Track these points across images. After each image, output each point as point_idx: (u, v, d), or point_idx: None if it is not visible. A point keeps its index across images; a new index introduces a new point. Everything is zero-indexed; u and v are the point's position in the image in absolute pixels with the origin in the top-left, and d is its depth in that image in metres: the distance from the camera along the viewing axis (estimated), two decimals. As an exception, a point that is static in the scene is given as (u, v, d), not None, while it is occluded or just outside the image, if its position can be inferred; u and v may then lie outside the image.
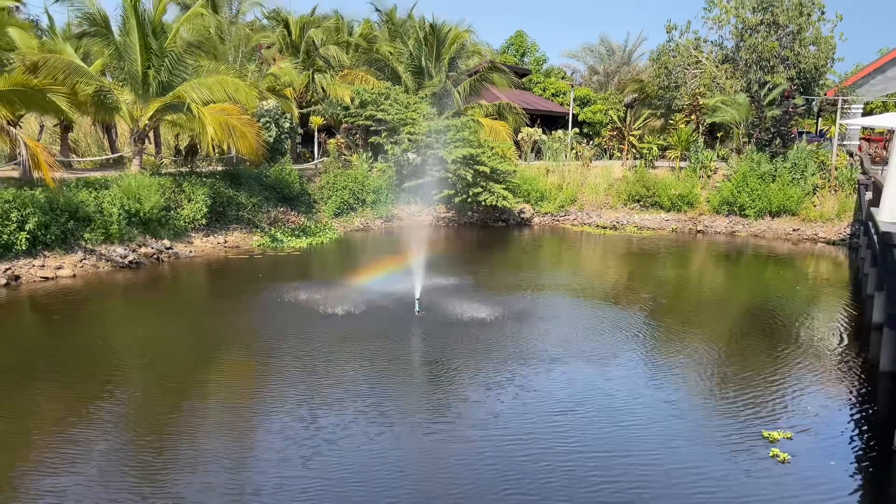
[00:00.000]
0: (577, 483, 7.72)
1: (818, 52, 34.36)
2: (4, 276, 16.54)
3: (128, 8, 22.17)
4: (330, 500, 7.20)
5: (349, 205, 29.00)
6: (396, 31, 36.81)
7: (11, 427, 9.05)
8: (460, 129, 30.68)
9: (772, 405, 10.37)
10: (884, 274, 13.06)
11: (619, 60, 54.95)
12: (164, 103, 22.13)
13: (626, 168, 34.86)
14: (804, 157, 31.12)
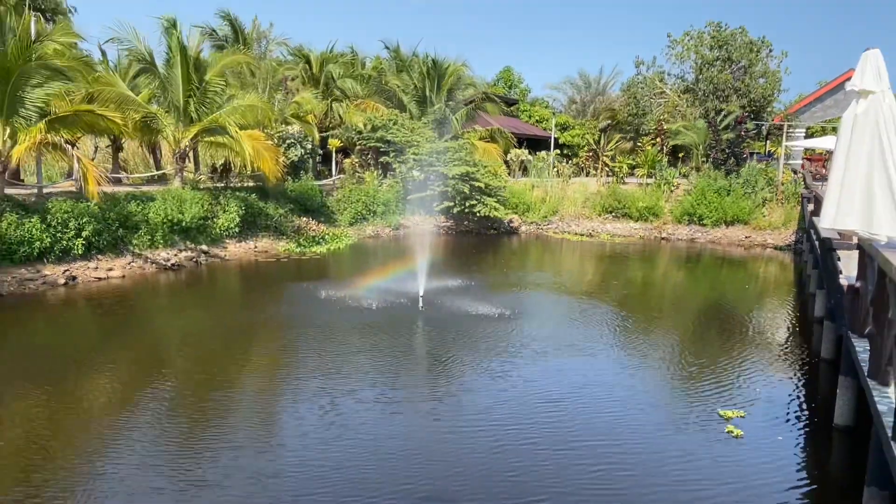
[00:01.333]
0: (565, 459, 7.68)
1: (766, 84, 34.53)
2: (63, 276, 16.57)
3: (173, 47, 22.29)
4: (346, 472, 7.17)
5: (362, 215, 29.07)
6: (403, 66, 36.92)
7: (67, 410, 9.05)
8: (458, 150, 30.84)
9: (727, 388, 10.38)
10: (824, 274, 13.09)
11: (594, 91, 54.95)
12: (202, 127, 22.18)
13: (600, 184, 34.96)
14: (755, 174, 31.35)
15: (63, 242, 17.00)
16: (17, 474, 7.02)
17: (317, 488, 6.70)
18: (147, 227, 19.35)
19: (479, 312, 14.64)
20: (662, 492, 6.87)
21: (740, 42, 34.55)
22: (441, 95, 34.77)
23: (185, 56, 22.43)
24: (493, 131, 36.95)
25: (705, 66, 34.97)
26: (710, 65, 34.75)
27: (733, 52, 34.40)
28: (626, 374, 11.29)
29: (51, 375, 10.08)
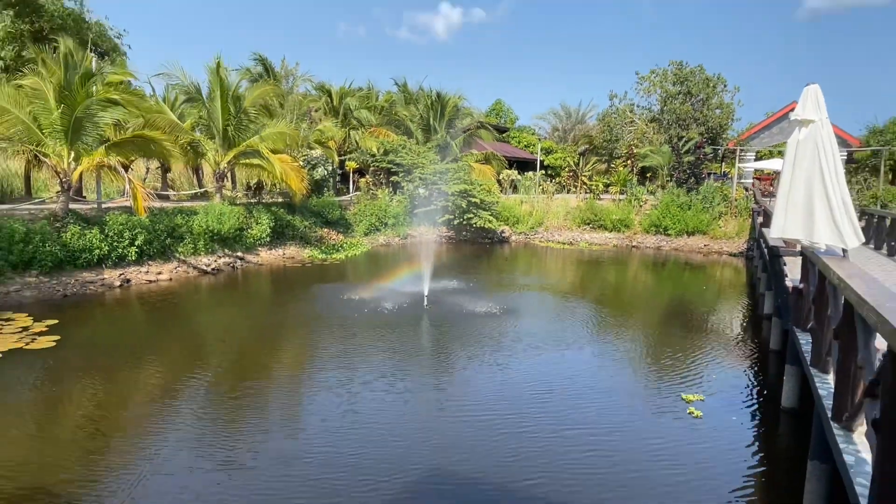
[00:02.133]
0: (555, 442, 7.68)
1: (721, 114, 34.65)
2: (119, 279, 16.64)
3: (213, 82, 22.44)
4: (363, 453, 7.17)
5: (375, 226, 29.16)
6: (410, 99, 37.11)
7: (120, 395, 9.06)
8: (457, 171, 31.04)
9: (689, 375, 10.38)
10: (772, 277, 13.07)
11: (574, 120, 55.18)
12: (239, 151, 22.27)
13: (579, 200, 35.02)
14: (712, 191, 31.48)
15: (119, 250, 17.10)
16: (76, 452, 7.03)
17: (337, 469, 6.68)
18: (191, 236, 19.45)
19: (476, 310, 14.64)
20: (636, 467, 6.88)
21: (699, 78, 34.70)
22: (443, 124, 34.95)
23: (225, 90, 22.61)
24: (488, 154, 37.11)
25: (669, 99, 35.13)
26: (673, 98, 34.90)
27: (693, 87, 34.55)
28: (606, 365, 11.29)
29: (107, 365, 10.11)
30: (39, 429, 7.63)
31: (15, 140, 16.88)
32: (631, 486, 6.39)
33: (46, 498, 5.88)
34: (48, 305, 14.02)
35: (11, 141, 16.90)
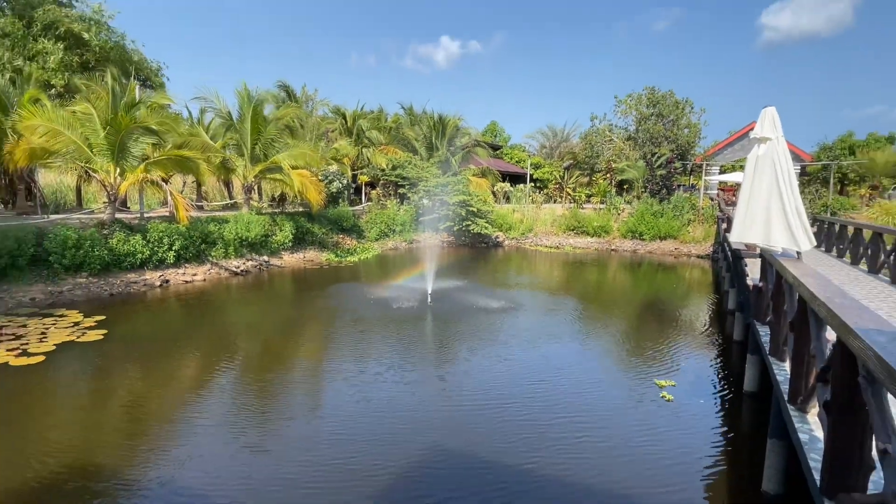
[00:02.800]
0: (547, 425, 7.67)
1: (689, 133, 34.66)
2: (159, 279, 16.67)
3: (244, 107, 22.54)
4: (375, 436, 7.17)
5: (385, 233, 29.16)
6: (415, 120, 37.20)
7: (159, 383, 9.05)
8: (457, 184, 31.07)
9: (662, 363, 10.38)
10: (734, 276, 13.07)
11: (559, 139, 55.15)
12: (264, 167, 22.30)
13: (564, 208, 34.97)
14: (681, 201, 31.42)
15: (159, 254, 17.14)
16: (119, 433, 7.04)
17: (352, 450, 6.68)
18: (222, 242, 19.46)
19: (475, 306, 14.63)
20: (617, 444, 6.88)
21: (669, 102, 34.73)
22: (444, 142, 35.00)
23: (254, 113, 22.69)
24: (483, 169, 37.11)
25: (643, 120, 35.16)
26: (647, 119, 34.93)
27: (664, 110, 34.58)
28: (590, 355, 11.27)
29: (148, 356, 10.13)
30: (88, 412, 7.64)
31: (68, 158, 16.93)
32: (612, 462, 6.39)
33: (93, 474, 5.89)
34: (96, 303, 14.05)
35: (65, 158, 16.94)
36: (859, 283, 10.89)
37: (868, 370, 2.89)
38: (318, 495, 5.58)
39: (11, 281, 14.01)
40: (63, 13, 24.40)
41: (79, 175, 21.80)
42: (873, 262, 12.33)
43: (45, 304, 13.63)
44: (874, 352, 2.67)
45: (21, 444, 6.56)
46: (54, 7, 24.24)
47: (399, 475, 5.95)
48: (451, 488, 5.73)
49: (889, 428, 2.74)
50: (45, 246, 15.04)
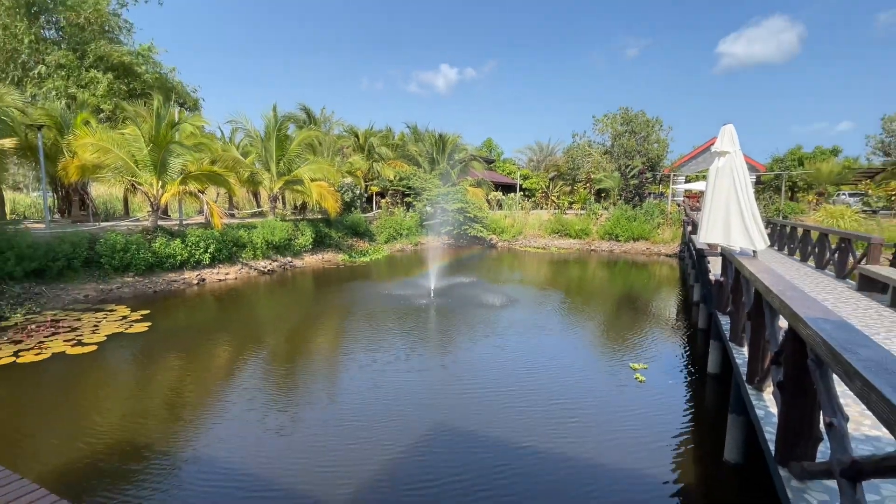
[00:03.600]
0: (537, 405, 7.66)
1: (658, 148, 34.50)
2: (196, 278, 16.66)
3: (270, 127, 22.62)
4: (385, 410, 7.17)
5: (393, 236, 29.11)
6: (419, 138, 37.18)
7: (197, 370, 9.05)
8: (455, 193, 31.09)
9: (636, 348, 10.34)
10: (699, 272, 13.06)
11: (545, 153, 55.08)
12: (287, 180, 22.31)
13: (549, 214, 34.98)
14: (652, 207, 31.38)
15: (196, 256, 17.12)
16: (162, 412, 7.03)
17: (365, 433, 6.69)
18: (251, 245, 19.45)
19: (473, 300, 14.60)
20: (597, 421, 6.88)
21: (641, 120, 34.61)
22: (444, 157, 34.93)
23: (278, 133, 22.71)
24: (479, 180, 37.06)
25: (618, 136, 35.03)
26: (621, 135, 34.80)
27: (636, 127, 34.46)
28: (574, 342, 11.20)
29: (187, 345, 10.13)
30: (133, 395, 7.64)
31: (116, 172, 16.95)
32: (593, 436, 6.38)
33: (136, 450, 5.89)
34: (142, 299, 14.05)
35: (113, 173, 16.95)
36: (808, 278, 10.88)
37: (816, 354, 2.89)
38: (334, 470, 5.57)
39: (67, 280, 14.02)
40: (113, 48, 24.51)
41: (125, 187, 21.86)
42: (820, 258, 12.32)
43: (97, 301, 13.63)
44: (821, 338, 2.67)
45: (75, 422, 6.56)
46: (105, 43, 24.33)
47: (407, 445, 5.95)
48: (456, 464, 5.72)
49: (834, 404, 2.73)
50: (96, 249, 15.05)
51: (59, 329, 10.64)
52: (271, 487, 5.15)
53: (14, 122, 17.52)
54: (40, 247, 13.57)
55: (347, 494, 5.04)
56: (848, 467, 2.34)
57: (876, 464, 2.06)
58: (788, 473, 3.31)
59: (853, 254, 10.74)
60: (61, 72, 22.72)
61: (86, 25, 24.02)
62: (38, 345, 9.53)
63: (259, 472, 5.41)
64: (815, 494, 3.10)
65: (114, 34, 25.99)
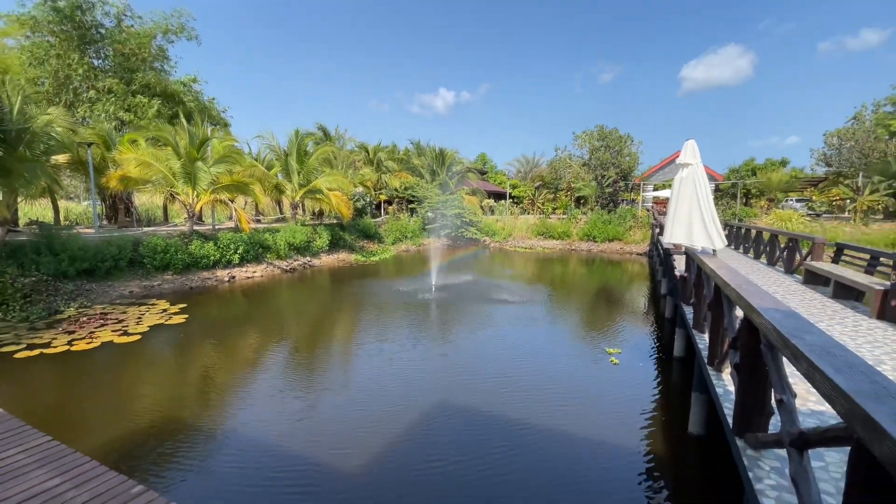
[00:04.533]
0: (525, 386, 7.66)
1: (630, 160, 34.45)
2: (227, 276, 16.59)
3: (291, 144, 22.59)
4: (386, 383, 7.15)
5: (399, 238, 28.99)
6: (421, 152, 36.98)
7: (226, 357, 9.03)
8: (453, 201, 31.00)
9: (611, 335, 10.33)
10: (666, 269, 13.05)
11: (531, 165, 54.91)
12: (307, 189, 22.23)
13: (535, 219, 34.86)
14: (625, 212, 31.29)
15: (227, 256, 17.06)
16: (196, 394, 7.03)
17: (374, 415, 6.68)
18: (275, 247, 19.36)
19: (469, 293, 14.56)
20: (577, 400, 6.88)
21: (615, 136, 34.56)
22: (444, 169, 34.82)
23: (299, 149, 22.64)
24: (474, 189, 36.97)
25: (595, 150, 34.96)
26: (598, 150, 34.74)
27: (611, 142, 34.41)
28: (558, 330, 11.15)
29: (220, 335, 10.11)
30: (174, 378, 7.63)
31: (157, 184, 16.91)
32: (575, 412, 6.39)
33: (175, 426, 5.89)
34: (179, 295, 14.02)
35: (154, 184, 16.90)
36: (760, 273, 10.89)
37: (768, 340, 2.90)
38: (346, 444, 5.57)
39: (114, 278, 13.99)
40: (160, 78, 24.58)
41: (165, 197, 21.80)
42: (771, 256, 12.33)
43: (140, 296, 13.61)
44: (772, 326, 2.68)
45: (123, 403, 6.55)
46: (152, 73, 24.34)
47: (409, 421, 5.95)
48: (456, 443, 5.72)
49: (784, 383, 2.74)
50: (140, 251, 15.01)
51: (107, 321, 10.62)
52: (292, 464, 5.15)
53: (66, 140, 17.48)
54: (90, 249, 13.54)
55: (359, 469, 5.04)
56: (796, 438, 2.34)
57: (820, 434, 2.07)
58: (744, 444, 3.32)
59: (800, 252, 10.75)
60: (110, 97, 22.67)
61: (130, 56, 23.98)
62: (90, 335, 9.51)
63: (281, 449, 5.41)
64: (767, 462, 3.11)
65: (160, 65, 26.03)
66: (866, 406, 1.55)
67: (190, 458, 5.14)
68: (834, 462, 3.04)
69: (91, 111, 22.33)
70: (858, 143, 31.27)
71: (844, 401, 1.69)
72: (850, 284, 7.46)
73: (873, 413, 1.49)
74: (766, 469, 3.02)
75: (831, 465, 3.00)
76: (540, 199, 41.04)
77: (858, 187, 29.33)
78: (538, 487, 4.67)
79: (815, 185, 38.04)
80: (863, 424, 1.52)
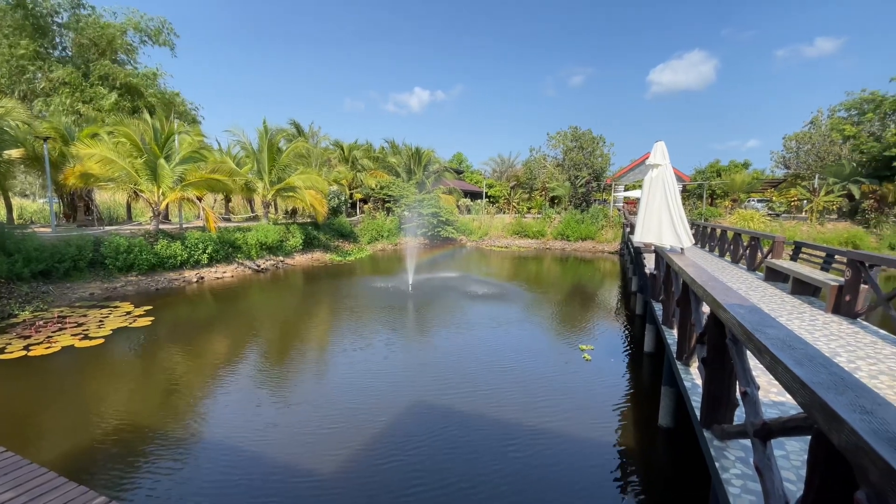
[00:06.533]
0: (499, 379, 7.69)
1: (602, 161, 35.17)
2: (195, 277, 16.07)
3: (262, 140, 21.97)
4: (362, 382, 7.07)
5: (375, 238, 28.72)
6: (397, 151, 36.79)
7: (196, 359, 8.74)
8: (430, 200, 30.92)
9: (584, 332, 10.53)
10: (636, 266, 13.36)
11: (507, 165, 55.29)
12: (279, 187, 21.75)
13: (511, 218, 35.17)
14: (597, 211, 31.93)
15: (195, 256, 16.52)
16: (164, 399, 6.78)
17: (352, 399, 6.60)
18: (246, 246, 18.87)
19: (445, 292, 14.53)
20: (550, 394, 6.96)
21: (588, 138, 35.20)
22: (420, 168, 34.73)
23: (270, 146, 22.10)
24: (450, 189, 36.97)
25: (568, 151, 35.53)
26: (571, 150, 35.31)
27: (583, 143, 35.03)
28: (532, 326, 11.19)
29: (188, 337, 9.76)
30: (140, 383, 7.33)
31: (119, 181, 16.20)
32: (548, 406, 6.46)
33: (142, 432, 5.66)
34: (145, 296, 13.48)
35: (116, 182, 16.18)
36: (725, 271, 11.27)
37: (733, 334, 3.00)
38: (322, 442, 5.48)
39: (73, 280, 13.34)
40: (118, 69, 23.54)
41: (128, 194, 20.93)
42: (735, 254, 12.81)
43: (102, 298, 13.01)
44: (737, 321, 2.77)
45: (85, 410, 6.25)
46: (108, 63, 23.27)
47: (388, 415, 5.90)
48: (428, 439, 5.70)
49: (748, 376, 2.85)
50: (101, 251, 14.36)
51: (66, 325, 10.11)
52: (265, 465, 5.03)
53: (21, 134, 16.53)
54: (46, 249, 12.85)
55: (332, 473, 4.96)
56: (760, 428, 2.43)
57: (782, 425, 2.15)
58: (711, 435, 3.43)
59: (761, 250, 11.21)
60: (66, 88, 21.57)
61: (90, 47, 22.91)
62: (48, 339, 9.02)
63: (254, 452, 5.27)
64: (733, 451, 3.23)
65: (125, 57, 25.03)
66: (825, 397, 1.62)
67: (156, 468, 4.95)
68: (794, 451, 3.18)
69: (47, 104, 21.22)
70: (815, 147, 32.90)
71: (805, 391, 1.76)
72: (807, 281, 7.83)
73: (832, 403, 1.56)
74: (732, 459, 3.13)
75: (792, 454, 3.14)
76: (515, 198, 41.44)
77: (815, 188, 30.88)
78: (508, 481, 4.71)
79: (774, 186, 39.83)
80: (822, 414, 1.59)
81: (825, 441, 1.64)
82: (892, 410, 1.48)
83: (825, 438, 1.63)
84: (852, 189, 28.71)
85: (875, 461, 1.25)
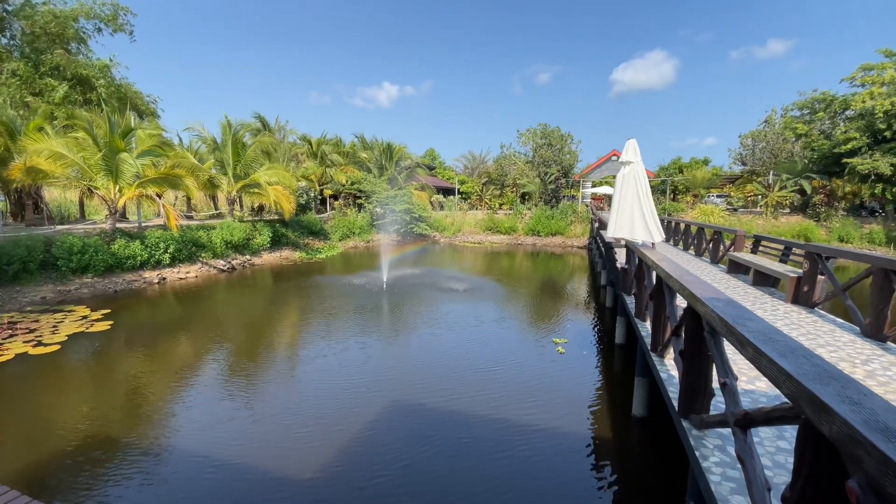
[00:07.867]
0: (478, 375, 7.68)
1: (570, 158, 35.74)
2: (157, 278, 15.33)
3: (225, 135, 21.15)
4: (339, 381, 6.93)
5: (347, 235, 28.27)
6: (367, 146, 36.25)
7: (159, 364, 8.34)
8: (402, 196, 30.66)
9: (557, 325, 10.68)
10: (606, 261, 13.66)
11: (478, 162, 55.31)
12: (244, 183, 21.01)
13: (483, 214, 35.37)
14: (566, 207, 32.55)
15: (156, 256, 15.78)
16: (125, 406, 6.43)
17: (327, 400, 6.45)
18: (211, 245, 18.15)
19: (419, 289, 14.43)
20: (525, 386, 7.01)
21: (557, 135, 35.68)
22: (392, 164, 34.28)
23: (234, 140, 21.30)
24: (423, 185, 36.73)
25: (538, 148, 35.94)
26: (541, 147, 35.72)
27: (552, 140, 35.50)
28: (506, 320, 11.22)
29: (149, 341, 9.29)
30: (100, 390, 6.92)
31: (72, 177, 15.23)
32: (523, 399, 6.50)
33: (104, 442, 5.34)
34: (102, 299, 12.76)
35: (68, 178, 15.21)
36: (690, 264, 11.62)
37: (711, 327, 3.07)
38: (295, 448, 5.33)
39: (23, 283, 12.48)
40: (70, 59, 22.07)
41: (81, 191, 19.73)
42: (699, 248, 13.29)
43: (55, 302, 12.23)
44: (716, 314, 2.83)
45: (42, 421, 5.84)
46: (61, 52, 21.80)
47: (363, 414, 5.79)
48: (403, 436, 5.63)
49: (727, 367, 2.92)
50: (53, 252, 13.49)
51: (16, 331, 9.43)
52: (235, 470, 4.83)
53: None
54: (-8, 250, 11.96)
55: (305, 478, 4.82)
56: (741, 418, 2.49)
57: (765, 414, 2.21)
58: (690, 424, 3.52)
59: (724, 244, 11.67)
60: (15, 80, 20.11)
61: (41, 35, 21.41)
62: (-7, 347, 8.39)
63: (220, 465, 5.05)
64: (710, 440, 3.32)
65: (76, 47, 23.49)
66: (812, 388, 1.66)
67: (121, 479, 4.67)
68: (768, 437, 3.30)
69: (-8, 96, 19.72)
70: (769, 144, 34.55)
71: (791, 383, 1.80)
72: (767, 272, 8.19)
73: (820, 394, 1.59)
74: (711, 447, 3.22)
75: (766, 440, 3.25)
76: (487, 194, 41.72)
77: (769, 184, 32.50)
78: (485, 474, 4.71)
79: (732, 182, 41.66)
80: (812, 405, 1.62)
81: (814, 431, 1.68)
82: (878, 400, 1.53)
83: (814, 428, 1.67)
84: (804, 185, 30.37)
85: (870, 451, 1.28)
